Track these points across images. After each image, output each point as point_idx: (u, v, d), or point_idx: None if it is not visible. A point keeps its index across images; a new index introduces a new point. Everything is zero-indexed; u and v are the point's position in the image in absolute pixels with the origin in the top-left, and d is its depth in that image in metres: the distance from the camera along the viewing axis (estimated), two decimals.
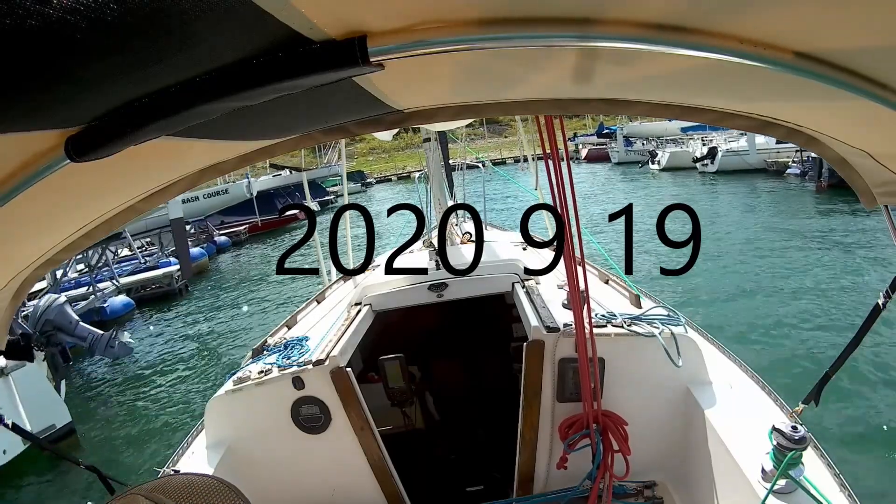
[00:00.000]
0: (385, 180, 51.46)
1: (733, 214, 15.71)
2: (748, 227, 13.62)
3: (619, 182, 27.89)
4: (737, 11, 0.58)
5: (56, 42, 0.44)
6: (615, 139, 38.36)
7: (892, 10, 0.51)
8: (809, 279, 8.92)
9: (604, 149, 40.43)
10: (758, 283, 9.07)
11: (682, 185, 22.93)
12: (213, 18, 0.49)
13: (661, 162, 28.87)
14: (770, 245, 11.52)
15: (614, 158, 36.78)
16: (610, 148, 38.75)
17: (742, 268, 10.13)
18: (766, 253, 11.00)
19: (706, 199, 19.23)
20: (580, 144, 45.11)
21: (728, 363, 2.28)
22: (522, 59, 0.77)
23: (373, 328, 2.70)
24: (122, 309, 12.49)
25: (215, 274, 17.67)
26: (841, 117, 0.93)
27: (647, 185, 25.46)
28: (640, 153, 33.86)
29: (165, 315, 12.85)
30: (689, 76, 0.82)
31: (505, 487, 2.34)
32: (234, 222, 24.54)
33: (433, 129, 4.03)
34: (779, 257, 10.55)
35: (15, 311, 1.31)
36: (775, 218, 14.43)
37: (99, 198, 1.04)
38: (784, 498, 1.42)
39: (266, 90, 0.62)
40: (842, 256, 10.00)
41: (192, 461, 2.06)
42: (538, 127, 1.74)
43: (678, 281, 9.28)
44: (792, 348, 6.50)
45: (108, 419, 7.42)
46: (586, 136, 47.60)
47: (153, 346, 10.45)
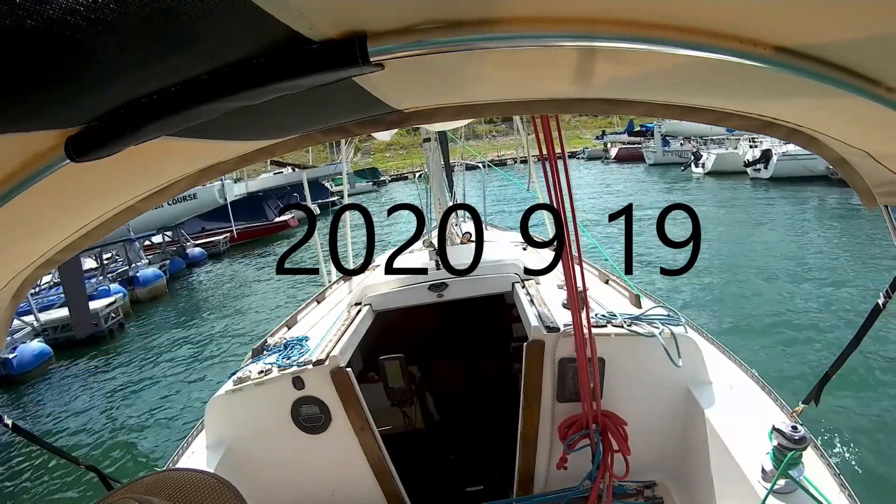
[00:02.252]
0: (401, 178, 48.81)
1: (787, 231, 12.73)
2: (805, 248, 10.97)
3: (655, 186, 24.60)
4: (735, 10, 0.58)
5: (56, 42, 0.44)
6: (650, 138, 35.29)
7: (884, 5, 0.51)
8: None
9: (637, 148, 37.29)
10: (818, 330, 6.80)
11: (730, 193, 19.70)
12: (213, 18, 0.49)
13: (705, 165, 25.39)
14: (838, 274, 8.98)
15: (649, 159, 33.62)
16: (645, 147, 35.33)
17: (794, 304, 7.81)
18: (831, 284, 8.48)
19: (758, 209, 16.10)
20: (609, 143, 42.79)
21: (728, 363, 2.28)
22: (522, 59, 0.77)
23: (373, 328, 2.69)
24: (34, 361, 9.19)
25: (170, 301, 13.97)
26: (841, 117, 0.93)
27: (690, 191, 21.97)
28: (679, 154, 31.01)
29: (88, 368, 9.45)
30: (689, 76, 0.82)
31: (505, 487, 2.34)
32: (217, 230, 21.20)
33: (433, 129, 4.03)
34: (849, 290, 8.11)
35: (15, 310, 1.31)
36: (843, 239, 11.38)
37: (99, 198, 1.04)
38: (784, 498, 1.42)
39: (266, 90, 0.62)
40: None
41: (192, 461, 2.06)
42: (534, 127, 1.75)
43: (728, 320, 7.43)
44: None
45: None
46: (616, 134, 44.70)
47: (59, 425, 7.28)
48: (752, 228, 13.35)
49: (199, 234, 20.64)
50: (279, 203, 24.51)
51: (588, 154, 45.16)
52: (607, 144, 42.69)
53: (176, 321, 11.82)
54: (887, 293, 1.44)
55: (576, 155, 45.74)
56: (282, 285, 13.31)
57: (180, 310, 12.96)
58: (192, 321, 11.52)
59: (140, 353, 9.93)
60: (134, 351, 10.11)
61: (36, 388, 8.79)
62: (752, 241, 12.06)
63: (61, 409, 7.82)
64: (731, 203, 17.56)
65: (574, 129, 61.55)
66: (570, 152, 46.94)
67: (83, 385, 8.75)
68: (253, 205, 23.42)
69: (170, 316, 12.45)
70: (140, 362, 9.41)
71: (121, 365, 9.41)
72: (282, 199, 25.58)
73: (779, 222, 13.94)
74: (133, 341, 10.76)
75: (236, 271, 16.96)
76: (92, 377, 9.08)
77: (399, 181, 47.49)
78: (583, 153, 45.87)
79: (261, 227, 22.20)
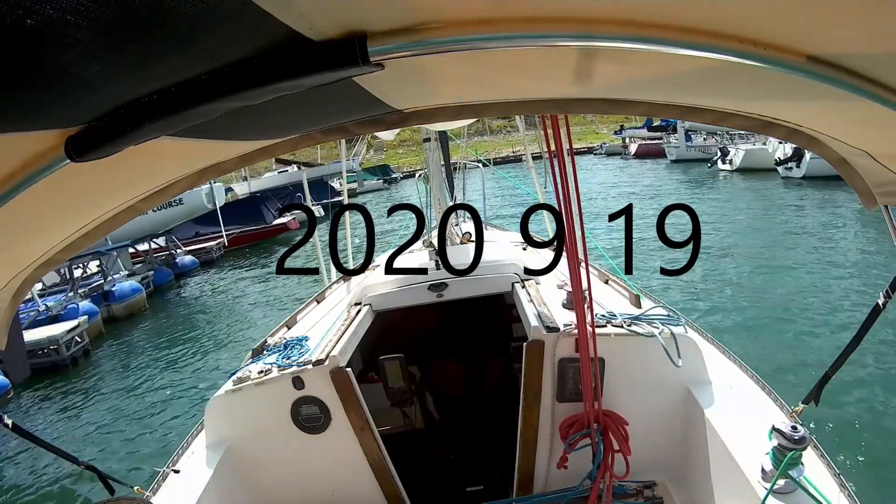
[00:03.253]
0: (412, 175, 47.22)
1: (824, 237, 11.24)
2: (849, 258, 9.48)
3: (680, 184, 22.61)
4: (735, 11, 0.58)
5: (56, 42, 0.44)
6: (672, 132, 33.32)
7: (886, 5, 0.51)
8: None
9: (657, 144, 35.27)
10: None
11: (760, 192, 18.09)
12: (213, 19, 0.49)
13: (733, 161, 23.58)
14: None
15: (671, 155, 31.58)
16: (667, 143, 33.29)
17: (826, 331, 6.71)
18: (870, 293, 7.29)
19: (790, 211, 14.79)
20: (628, 138, 40.79)
21: (728, 363, 2.28)
22: (522, 59, 0.77)
23: (373, 328, 2.69)
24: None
25: (151, 318, 12.34)
26: (841, 117, 0.93)
27: (717, 189, 20.49)
28: (702, 149, 28.88)
29: (49, 403, 8.15)
30: (690, 76, 0.82)
31: (505, 487, 2.34)
32: (213, 234, 19.31)
33: (433, 129, 4.03)
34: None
35: (15, 310, 1.31)
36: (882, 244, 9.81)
37: (99, 198, 1.04)
38: (784, 498, 1.42)
39: (266, 90, 0.62)
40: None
41: (192, 461, 2.06)
42: (543, 126, 1.74)
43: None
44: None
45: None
46: (635, 129, 42.51)
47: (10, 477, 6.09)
48: (795, 234, 11.92)
49: (192, 239, 19.18)
50: (279, 204, 23.10)
51: (606, 150, 43.19)
52: (626, 139, 40.69)
53: (153, 343, 10.25)
54: (887, 293, 1.44)
55: (593, 150, 44.88)
56: (278, 295, 12.30)
57: (160, 329, 11.35)
58: (171, 343, 9.95)
59: (107, 384, 8.56)
60: (99, 383, 8.69)
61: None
62: (794, 243, 10.99)
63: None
64: (764, 203, 16.16)
65: (590, 125, 59.45)
66: (588, 147, 45.77)
67: (35, 425, 7.25)
68: (251, 207, 22.04)
69: (147, 337, 10.86)
70: (105, 396, 8.00)
71: (79, 404, 7.85)
72: (283, 200, 24.23)
73: (812, 225, 12.66)
74: (100, 371, 9.31)
75: (229, 281, 15.22)
76: (50, 414, 7.67)
77: (411, 178, 46.55)
78: (600, 148, 44.39)
79: (258, 231, 20.52)
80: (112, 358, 9.95)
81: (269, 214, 21.84)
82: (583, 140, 49.19)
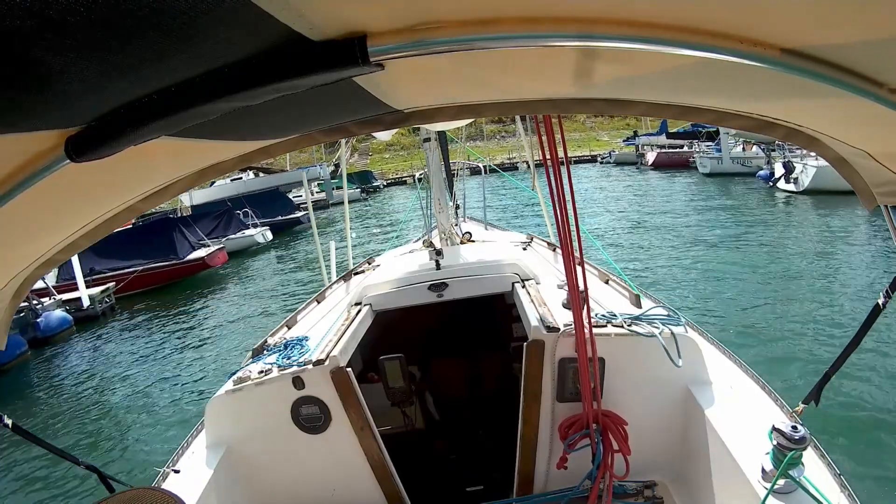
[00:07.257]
0: (399, 182, 42.98)
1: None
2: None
3: (728, 209, 16.25)
4: (733, 10, 0.58)
5: (55, 42, 0.44)
6: (703, 140, 27.67)
7: (887, 6, 0.51)
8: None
9: (680, 152, 29.71)
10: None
11: (836, 219, 12.82)
12: (212, 19, 0.49)
13: (800, 181, 17.45)
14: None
15: (704, 167, 24.98)
16: (698, 153, 26.73)
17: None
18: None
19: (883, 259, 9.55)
20: (642, 145, 35.36)
21: (728, 363, 2.28)
22: (522, 59, 0.77)
23: (373, 328, 2.70)
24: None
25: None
26: (841, 117, 0.93)
27: (781, 216, 14.89)
28: (741, 161, 23.15)
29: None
30: (689, 76, 0.82)
31: (505, 487, 2.34)
32: (113, 272, 13.85)
33: (433, 130, 4.03)
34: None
35: (15, 310, 1.31)
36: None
37: (99, 198, 1.04)
38: (784, 498, 1.42)
39: (266, 90, 0.62)
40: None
41: (192, 461, 2.06)
42: (537, 128, 1.75)
43: None
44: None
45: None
46: (650, 136, 36.30)
47: None
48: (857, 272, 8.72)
49: (71, 283, 12.56)
50: (200, 233, 16.98)
51: (615, 158, 38.49)
52: (639, 147, 35.35)
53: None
54: (887, 293, 1.44)
55: (596, 159, 41.82)
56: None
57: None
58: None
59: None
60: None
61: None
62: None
63: None
64: (842, 238, 11.24)
65: (589, 131, 56.27)
66: (591, 155, 43.40)
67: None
68: (161, 233, 15.20)
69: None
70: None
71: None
72: (218, 220, 18.73)
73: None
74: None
75: (110, 354, 9.39)
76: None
77: (396, 185, 41.63)
78: (609, 157, 39.97)
79: (165, 269, 14.28)
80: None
81: (185, 244, 15.35)
82: (583, 147, 47.58)
